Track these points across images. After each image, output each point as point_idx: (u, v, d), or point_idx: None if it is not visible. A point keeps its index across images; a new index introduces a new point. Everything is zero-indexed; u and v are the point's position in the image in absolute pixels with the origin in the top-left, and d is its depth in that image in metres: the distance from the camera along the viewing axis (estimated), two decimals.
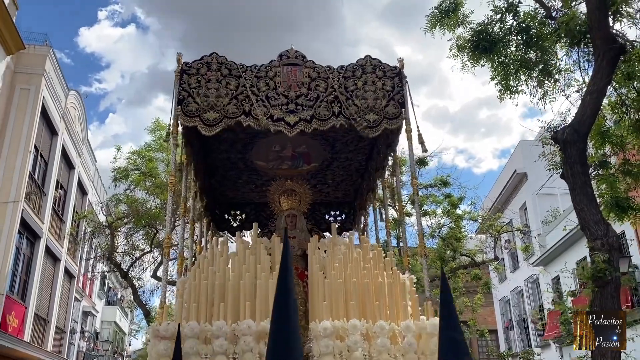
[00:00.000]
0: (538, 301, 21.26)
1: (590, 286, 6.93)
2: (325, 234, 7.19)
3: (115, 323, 28.37)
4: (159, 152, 16.37)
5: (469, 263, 16.71)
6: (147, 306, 17.74)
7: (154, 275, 16.96)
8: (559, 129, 7.82)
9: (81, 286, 21.47)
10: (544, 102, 8.75)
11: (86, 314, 23.03)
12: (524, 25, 8.29)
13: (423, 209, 15.89)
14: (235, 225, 8.19)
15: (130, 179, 15.99)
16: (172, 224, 11.55)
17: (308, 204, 6.96)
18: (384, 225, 7.16)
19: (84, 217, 18.49)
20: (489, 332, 22.05)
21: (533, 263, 19.76)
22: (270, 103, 5.59)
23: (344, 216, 8.33)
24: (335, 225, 6.70)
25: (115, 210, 17.86)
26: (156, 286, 17.57)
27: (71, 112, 17.67)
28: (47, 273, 16.50)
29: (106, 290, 27.89)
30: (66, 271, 18.55)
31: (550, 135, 8.03)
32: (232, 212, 8.24)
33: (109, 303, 28.35)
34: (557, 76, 8.67)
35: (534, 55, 8.49)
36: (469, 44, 8.38)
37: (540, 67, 8.50)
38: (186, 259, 6.51)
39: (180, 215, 6.97)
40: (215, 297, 5.01)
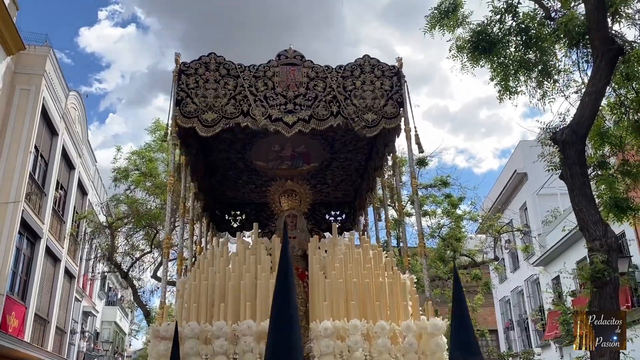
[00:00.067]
0: (538, 301, 21.27)
1: (589, 287, 6.95)
2: (326, 234, 7.18)
3: (116, 323, 28.39)
4: (159, 152, 16.37)
5: (469, 263, 16.74)
6: (147, 306, 17.75)
7: (154, 275, 16.98)
8: (558, 129, 7.84)
9: (81, 286, 21.47)
10: (544, 103, 8.78)
11: (86, 314, 23.04)
12: (523, 26, 8.31)
13: (423, 209, 15.89)
14: (235, 225, 8.16)
15: (131, 179, 15.98)
16: (172, 224, 11.57)
17: (308, 204, 6.95)
18: (384, 225, 7.16)
19: (84, 218, 18.49)
20: (489, 332, 22.06)
21: (533, 263, 19.77)
22: (268, 103, 5.56)
23: (344, 216, 8.30)
24: (336, 225, 6.67)
25: (116, 210, 17.86)
26: (156, 286, 17.58)
27: (71, 113, 17.69)
28: (47, 273, 16.50)
29: (106, 290, 27.90)
30: (66, 271, 18.55)
31: (549, 136, 8.05)
32: (233, 212, 8.22)
33: (109, 303, 28.36)
34: (556, 77, 8.70)
35: (533, 56, 8.51)
36: (469, 45, 8.40)
37: (540, 67, 8.53)
38: (186, 259, 6.50)
39: (180, 215, 6.96)
40: (215, 297, 5.00)
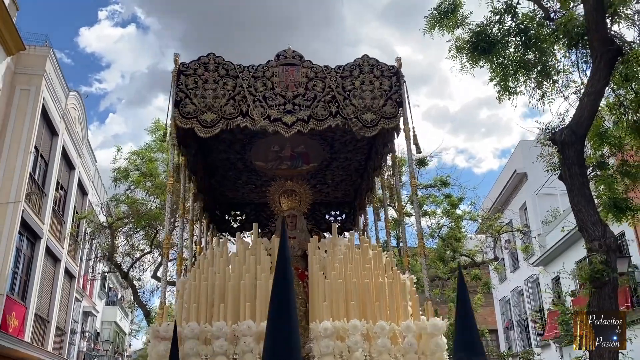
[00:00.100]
0: (538, 301, 21.28)
1: (588, 287, 6.95)
2: (326, 234, 7.18)
3: (116, 323, 28.39)
4: (159, 152, 16.37)
5: (469, 263, 16.73)
6: (147, 306, 17.76)
7: (154, 275, 16.98)
8: (557, 130, 7.84)
9: (81, 286, 21.48)
10: (543, 103, 8.79)
11: (86, 314, 23.05)
12: (522, 27, 8.31)
13: (423, 209, 15.90)
14: (235, 226, 8.16)
15: (131, 180, 15.98)
16: (172, 224, 11.57)
17: (308, 204, 6.95)
18: (384, 225, 7.16)
19: (84, 218, 18.50)
20: (489, 332, 22.10)
21: (533, 263, 19.77)
22: (267, 103, 5.55)
23: (344, 216, 8.30)
24: (336, 226, 6.66)
25: (116, 210, 17.87)
26: (156, 287, 17.58)
27: (71, 113, 17.69)
28: (47, 273, 16.51)
29: (106, 290, 27.91)
30: (66, 271, 18.56)
31: (549, 136, 8.06)
32: (233, 212, 8.22)
33: (109, 303, 28.37)
34: (555, 77, 8.70)
35: (532, 57, 8.51)
36: (468, 45, 8.40)
37: (539, 68, 8.53)
38: (186, 259, 6.50)
39: (180, 216, 6.95)
40: (215, 297, 5.00)
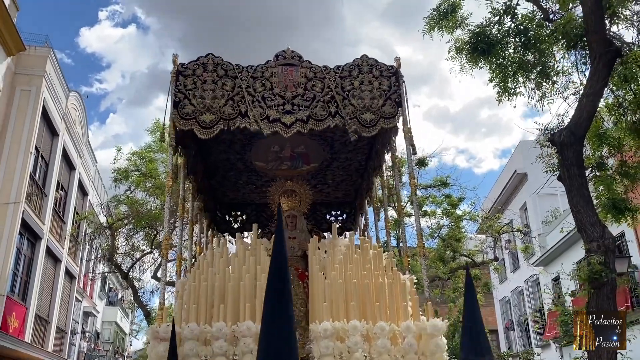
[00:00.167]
0: (538, 301, 21.28)
1: (586, 287, 6.96)
2: (326, 234, 7.18)
3: (116, 323, 28.40)
4: (159, 153, 16.37)
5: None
6: (147, 307, 17.77)
7: (154, 276, 16.97)
8: (556, 131, 7.86)
9: (82, 287, 21.49)
10: (542, 104, 8.79)
11: (87, 315, 23.06)
12: (521, 28, 8.31)
13: (423, 210, 15.91)
14: (236, 226, 8.15)
15: (131, 180, 15.97)
16: (172, 225, 11.58)
17: (308, 204, 6.96)
18: (384, 225, 7.16)
19: (85, 218, 18.50)
20: (490, 332, 22.10)
21: (533, 263, 19.77)
22: (266, 104, 5.55)
23: (344, 216, 8.30)
24: (336, 226, 6.65)
25: (116, 211, 17.87)
26: (156, 287, 17.56)
27: (72, 113, 17.70)
28: (47, 274, 16.51)
29: (107, 290, 27.91)
30: (67, 272, 18.57)
31: (547, 137, 8.07)
32: (233, 213, 8.21)
33: (109, 303, 28.37)
34: (554, 78, 8.71)
35: (531, 57, 8.52)
36: (467, 46, 8.40)
37: (538, 69, 8.54)
38: (185, 260, 6.50)
39: (179, 216, 6.95)
40: (215, 298, 5.01)
